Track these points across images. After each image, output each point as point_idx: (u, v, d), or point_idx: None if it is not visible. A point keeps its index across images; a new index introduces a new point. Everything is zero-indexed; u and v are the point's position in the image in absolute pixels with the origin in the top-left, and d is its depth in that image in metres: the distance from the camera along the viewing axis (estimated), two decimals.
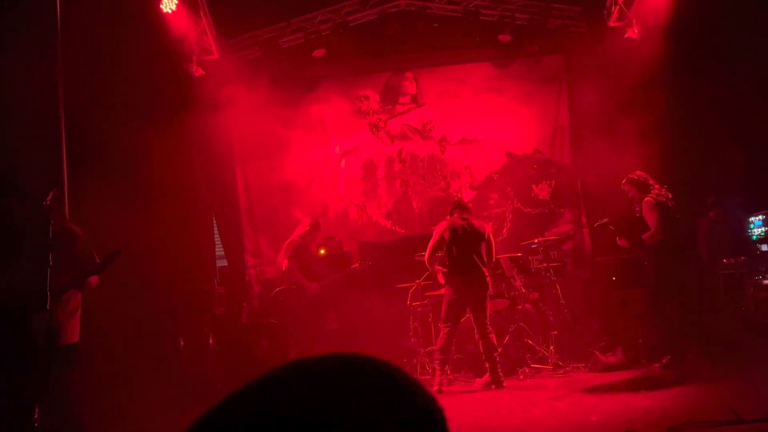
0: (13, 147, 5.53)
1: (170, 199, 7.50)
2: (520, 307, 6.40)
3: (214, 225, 9.04)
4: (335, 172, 9.20)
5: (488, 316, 5.72)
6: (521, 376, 5.99)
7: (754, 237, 6.76)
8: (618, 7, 7.76)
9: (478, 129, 9.10)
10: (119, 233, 5.55)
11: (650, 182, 5.92)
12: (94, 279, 4.26)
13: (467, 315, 5.83)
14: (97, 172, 6.00)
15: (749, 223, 6.82)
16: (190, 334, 6.91)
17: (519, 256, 6.83)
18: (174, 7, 7.12)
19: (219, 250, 9.24)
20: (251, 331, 7.24)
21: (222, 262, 9.24)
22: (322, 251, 7.85)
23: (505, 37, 8.57)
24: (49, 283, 3.60)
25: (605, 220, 6.11)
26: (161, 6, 7.06)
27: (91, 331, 5.38)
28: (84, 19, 5.67)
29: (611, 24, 8.03)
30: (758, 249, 6.70)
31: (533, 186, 8.94)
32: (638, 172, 6.03)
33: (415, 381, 0.66)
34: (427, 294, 6.60)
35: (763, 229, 6.66)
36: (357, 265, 6.90)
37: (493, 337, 5.66)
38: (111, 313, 6.00)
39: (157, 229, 7.04)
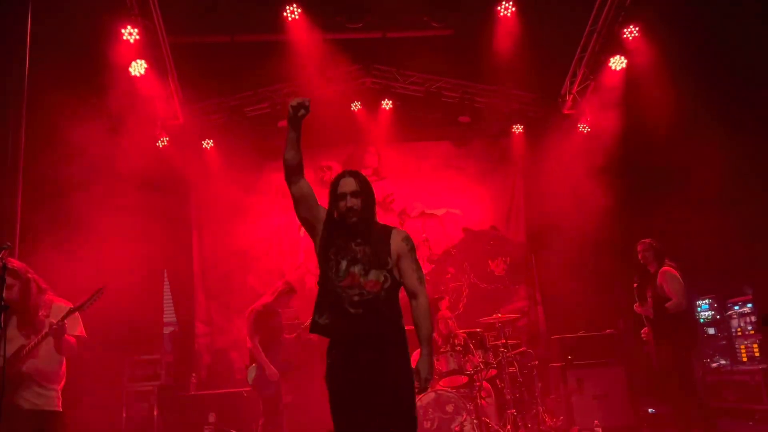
0: None
1: (123, 258, 7.27)
2: (477, 384, 6.35)
3: (165, 289, 8.76)
4: (294, 241, 9.15)
5: None
6: None
7: (702, 320, 6.99)
8: (572, 96, 8.24)
9: (437, 204, 9.30)
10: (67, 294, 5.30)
11: (665, 253, 5.83)
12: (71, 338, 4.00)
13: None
14: (52, 225, 5.81)
15: (696, 306, 7.07)
16: (134, 405, 6.55)
17: (478, 331, 6.84)
18: (143, 71, 7.16)
19: (167, 317, 8.92)
20: (199, 403, 6.91)
21: (169, 329, 8.90)
22: None
23: (464, 119, 8.93)
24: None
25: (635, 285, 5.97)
26: (130, 69, 7.09)
27: None
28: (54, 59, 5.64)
29: (565, 111, 8.49)
30: (705, 332, 6.91)
31: (489, 262, 9.10)
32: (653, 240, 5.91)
33: None
34: None
35: (709, 312, 6.91)
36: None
37: None
38: None
39: (107, 290, 6.74)
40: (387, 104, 8.85)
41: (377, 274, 3.05)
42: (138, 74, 7.15)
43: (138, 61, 7.08)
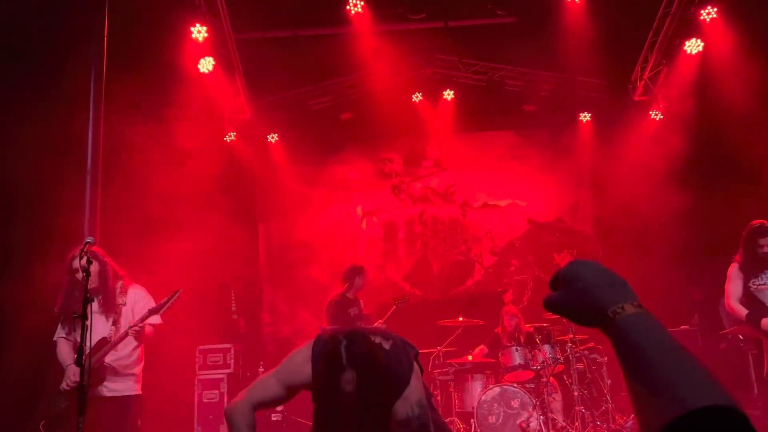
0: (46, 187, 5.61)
1: (193, 251, 7.51)
2: (544, 379, 6.24)
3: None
4: (356, 233, 9.22)
5: None
6: None
7: None
8: (643, 82, 7.91)
9: (500, 195, 9.15)
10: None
11: None
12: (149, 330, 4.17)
13: None
14: (128, 221, 6.05)
15: None
16: (205, 392, 6.78)
17: (545, 326, 6.70)
18: (210, 68, 7.34)
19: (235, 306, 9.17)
20: None
21: (234, 317, 9.15)
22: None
23: (529, 107, 8.73)
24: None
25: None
26: (198, 66, 7.28)
27: None
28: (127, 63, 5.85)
29: (636, 98, 8.16)
30: None
31: (555, 254, 8.89)
32: None
33: None
34: (449, 361, 6.46)
35: None
36: (394, 306, 6.54)
37: None
38: None
39: (177, 282, 7.00)
40: (449, 94, 8.75)
41: None
42: (206, 71, 7.34)
43: (206, 58, 7.26)
